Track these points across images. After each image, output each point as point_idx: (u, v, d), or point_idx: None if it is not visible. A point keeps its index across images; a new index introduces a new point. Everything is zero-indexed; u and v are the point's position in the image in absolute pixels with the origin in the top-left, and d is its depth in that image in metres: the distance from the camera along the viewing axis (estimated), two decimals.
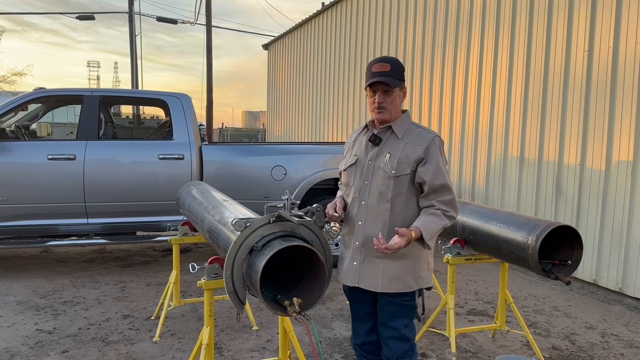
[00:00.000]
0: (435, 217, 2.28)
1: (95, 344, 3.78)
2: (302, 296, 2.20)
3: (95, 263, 6.13)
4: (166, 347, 3.77)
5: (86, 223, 5.39)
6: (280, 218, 2.28)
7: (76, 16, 19.89)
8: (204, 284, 2.65)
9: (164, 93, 5.94)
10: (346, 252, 2.48)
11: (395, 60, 2.37)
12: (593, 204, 5.34)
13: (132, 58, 19.56)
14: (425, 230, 2.23)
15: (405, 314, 2.40)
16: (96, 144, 5.41)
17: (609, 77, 5.18)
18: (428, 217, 2.28)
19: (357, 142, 2.54)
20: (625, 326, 4.42)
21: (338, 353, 3.70)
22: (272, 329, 4.10)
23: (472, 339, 4.01)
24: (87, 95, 5.53)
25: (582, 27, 5.51)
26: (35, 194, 5.20)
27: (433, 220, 2.26)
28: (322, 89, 12.50)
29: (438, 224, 2.27)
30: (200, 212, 3.36)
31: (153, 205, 5.52)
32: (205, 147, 5.73)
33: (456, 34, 7.52)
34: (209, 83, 16.52)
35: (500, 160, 6.68)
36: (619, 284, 5.05)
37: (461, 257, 3.51)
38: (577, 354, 3.79)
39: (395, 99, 2.37)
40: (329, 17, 12.20)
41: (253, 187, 5.70)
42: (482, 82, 6.99)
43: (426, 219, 2.27)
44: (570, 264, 3.04)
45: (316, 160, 5.90)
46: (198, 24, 20.40)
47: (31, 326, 4.10)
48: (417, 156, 2.31)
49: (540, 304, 4.96)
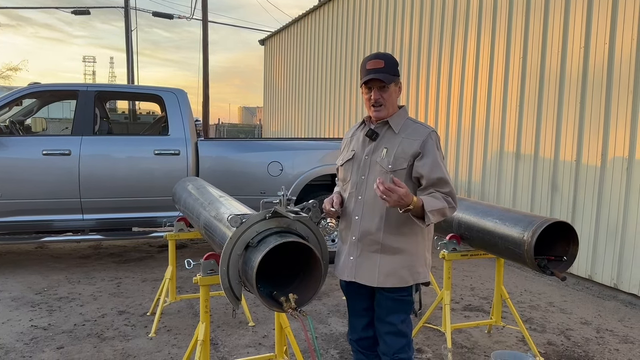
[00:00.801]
0: (435, 198, 2.25)
1: (90, 340, 3.77)
2: (298, 292, 2.19)
3: (91, 259, 6.11)
4: (162, 343, 3.76)
5: (81, 219, 5.37)
6: (276, 214, 2.27)
7: (72, 11, 19.79)
8: (199, 280, 2.64)
9: (159, 88, 5.91)
10: (343, 247, 2.47)
11: (389, 55, 2.37)
12: (589, 200, 5.35)
13: (128, 53, 19.48)
14: (427, 202, 2.19)
15: (402, 309, 2.40)
16: (91, 140, 5.38)
17: (605, 73, 5.19)
18: (428, 196, 2.25)
19: (355, 137, 2.53)
20: (620, 321, 4.44)
21: (334, 349, 3.70)
22: (268, 325, 4.10)
23: (468, 334, 4.02)
24: (83, 90, 5.50)
25: (578, 23, 5.50)
26: (30, 190, 5.17)
27: (433, 199, 2.23)
28: (319, 84, 12.47)
29: (438, 203, 2.23)
30: (196, 208, 3.35)
31: (149, 201, 5.50)
32: (201, 142, 5.71)
33: (453, 29, 7.51)
34: (205, 78, 16.48)
35: (497, 157, 6.68)
36: (614, 280, 5.07)
37: (457, 253, 3.51)
38: (572, 349, 3.81)
39: (391, 95, 2.36)
40: (326, 13, 12.17)
41: (249, 183, 5.69)
42: (479, 78, 6.99)
43: (427, 197, 2.25)
44: (565, 260, 3.05)
45: (313, 156, 5.89)
46: (194, 19, 20.31)
47: (26, 322, 4.09)
48: (413, 151, 2.31)
49: (536, 299, 4.97)
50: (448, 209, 2.27)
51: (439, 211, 2.23)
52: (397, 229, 2.32)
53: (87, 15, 19.85)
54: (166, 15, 20.07)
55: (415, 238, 2.36)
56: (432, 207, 2.20)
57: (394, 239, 2.33)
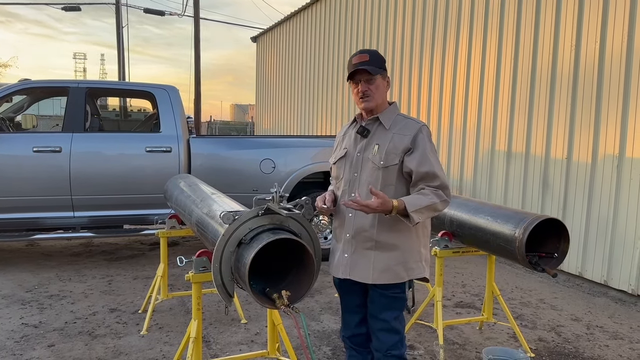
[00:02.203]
0: (423, 195, 2.23)
1: (82, 338, 3.76)
2: (290, 289, 2.20)
3: (82, 256, 6.08)
4: (154, 340, 3.75)
5: (72, 216, 5.34)
6: (269, 211, 2.27)
7: (62, 7, 19.62)
8: (191, 277, 2.63)
9: (151, 85, 5.88)
10: (337, 245, 2.48)
11: (374, 51, 2.38)
12: (579, 197, 5.39)
13: (119, 50, 19.35)
14: (409, 203, 2.18)
15: (395, 306, 2.40)
16: (82, 137, 5.35)
17: (596, 71, 5.22)
18: (414, 195, 2.25)
19: (347, 135, 2.54)
20: (610, 318, 4.48)
21: (326, 346, 3.71)
22: (261, 322, 4.10)
23: (460, 331, 4.04)
24: (73, 87, 5.46)
25: (569, 22, 5.54)
26: (20, 187, 5.13)
27: (419, 197, 2.22)
28: (311, 82, 12.46)
29: (424, 200, 2.21)
30: (188, 205, 3.34)
31: (140, 199, 5.47)
32: (193, 139, 5.69)
33: (445, 29, 7.53)
34: (197, 75, 16.42)
35: (488, 154, 6.71)
36: (604, 277, 5.12)
37: (449, 250, 3.53)
38: (563, 345, 3.84)
39: (379, 87, 2.36)
40: (318, 10, 12.15)
41: (242, 181, 5.67)
42: (470, 76, 7.01)
43: (412, 196, 2.24)
44: (556, 257, 3.07)
45: (305, 153, 5.89)
46: (186, 15, 20.21)
47: (17, 320, 4.06)
48: (404, 146, 2.31)
49: (527, 296, 5.01)
50: (439, 203, 2.24)
51: (427, 208, 2.21)
52: (391, 226, 2.32)
53: (78, 11, 19.69)
54: (158, 12, 19.94)
55: (409, 234, 2.36)
56: (416, 206, 2.18)
57: (388, 236, 2.33)
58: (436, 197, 2.24)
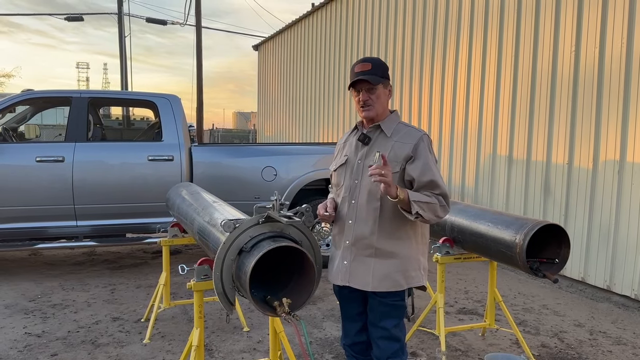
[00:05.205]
0: (424, 194, 2.27)
1: (85, 347, 3.76)
2: (291, 296, 2.20)
3: (85, 265, 6.09)
4: (156, 349, 3.76)
5: (75, 225, 5.36)
6: (269, 219, 2.28)
7: (64, 17, 19.75)
8: (193, 285, 2.64)
9: (153, 94, 5.92)
10: (337, 252, 2.48)
11: (376, 59, 2.39)
12: (581, 203, 5.39)
13: (122, 59, 19.45)
14: (411, 193, 2.22)
15: (395, 314, 2.40)
16: (85, 146, 5.38)
17: (596, 76, 5.24)
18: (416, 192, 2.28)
19: (348, 143, 2.55)
20: (613, 323, 4.46)
21: (329, 353, 3.71)
22: (263, 330, 4.10)
23: (462, 337, 4.03)
24: (76, 96, 5.50)
25: (569, 27, 5.56)
26: (23, 197, 5.16)
27: (421, 194, 2.26)
28: (313, 89, 12.50)
29: (426, 197, 2.25)
30: (189, 213, 3.35)
31: (142, 207, 5.49)
32: (194, 148, 5.72)
33: (445, 35, 7.56)
34: (199, 84, 16.49)
35: (489, 160, 6.72)
36: (607, 282, 5.10)
37: (450, 256, 3.53)
38: (566, 351, 3.83)
39: (380, 96, 2.38)
40: (319, 18, 12.22)
41: (243, 188, 5.69)
42: (471, 82, 7.03)
43: (414, 192, 2.27)
44: (557, 262, 3.07)
45: (307, 161, 5.91)
46: (188, 24, 20.31)
47: (20, 330, 4.07)
48: (405, 154, 2.32)
49: (530, 302, 4.99)
50: (439, 207, 2.27)
51: (427, 205, 2.23)
52: (391, 233, 2.33)
53: (80, 21, 19.82)
54: (160, 21, 20.07)
55: (409, 242, 2.37)
56: (418, 197, 2.23)
57: (388, 243, 2.34)
58: (437, 200, 2.28)
